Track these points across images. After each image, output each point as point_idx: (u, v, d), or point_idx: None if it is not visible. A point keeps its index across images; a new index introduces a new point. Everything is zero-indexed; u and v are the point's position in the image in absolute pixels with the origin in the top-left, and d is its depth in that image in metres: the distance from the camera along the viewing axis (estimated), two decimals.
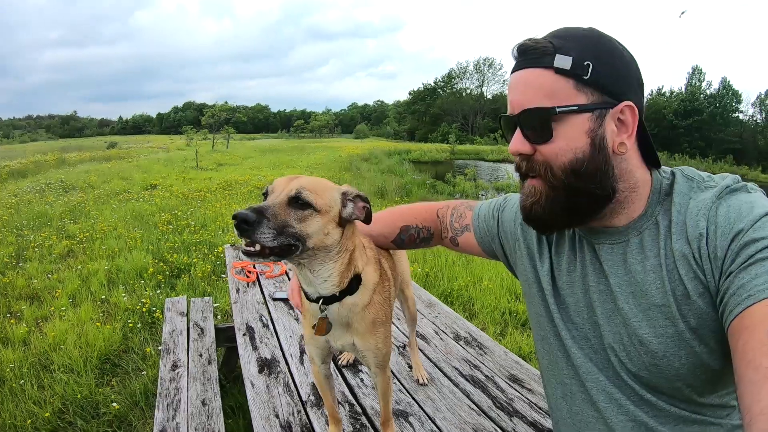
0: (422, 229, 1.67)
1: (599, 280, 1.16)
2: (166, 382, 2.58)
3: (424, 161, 35.47)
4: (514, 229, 1.42)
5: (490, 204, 1.56)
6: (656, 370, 1.06)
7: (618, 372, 1.14)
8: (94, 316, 4.85)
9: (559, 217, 1.12)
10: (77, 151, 35.18)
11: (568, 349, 1.23)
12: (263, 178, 17.14)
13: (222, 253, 6.79)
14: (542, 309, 1.29)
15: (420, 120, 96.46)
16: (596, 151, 1.04)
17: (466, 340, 2.66)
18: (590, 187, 1.06)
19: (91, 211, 10.47)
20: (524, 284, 1.39)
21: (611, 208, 1.10)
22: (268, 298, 3.12)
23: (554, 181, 1.08)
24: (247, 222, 1.11)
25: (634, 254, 1.09)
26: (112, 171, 19.24)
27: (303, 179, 1.26)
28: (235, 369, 3.83)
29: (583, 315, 1.20)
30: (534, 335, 1.39)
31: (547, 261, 1.30)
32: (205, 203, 11.71)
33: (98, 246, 7.43)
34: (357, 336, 1.47)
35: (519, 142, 1.09)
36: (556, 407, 1.32)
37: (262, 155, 30.65)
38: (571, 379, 1.23)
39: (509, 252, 1.47)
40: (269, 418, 1.88)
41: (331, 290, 1.34)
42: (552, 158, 1.07)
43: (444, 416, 1.97)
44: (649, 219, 1.09)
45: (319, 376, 1.65)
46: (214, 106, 46.35)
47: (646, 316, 1.06)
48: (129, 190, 14.06)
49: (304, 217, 1.20)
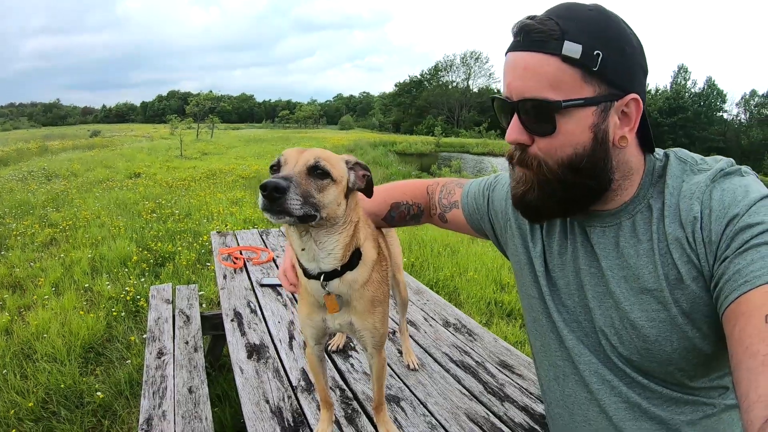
0: (412, 206, 1.65)
1: (591, 263, 1.15)
2: (151, 370, 2.54)
3: (410, 153, 35.50)
4: (506, 208, 1.41)
5: (481, 182, 1.54)
6: (648, 354, 1.06)
7: (609, 355, 1.14)
8: (77, 305, 4.77)
9: (552, 207, 1.10)
10: (60, 140, 34.70)
11: (560, 331, 1.22)
12: (247, 167, 17.00)
13: (207, 242, 6.73)
14: (534, 290, 1.28)
15: (405, 112, 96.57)
16: (597, 146, 1.01)
17: (456, 327, 2.65)
18: (585, 182, 1.04)
19: (74, 199, 10.30)
20: (515, 265, 1.38)
21: (605, 196, 1.09)
22: (255, 284, 3.07)
23: (549, 174, 1.05)
24: (278, 189, 1.06)
25: (626, 238, 1.08)
26: (95, 159, 18.96)
27: (315, 150, 1.23)
28: (221, 357, 3.79)
29: (574, 298, 1.20)
30: (525, 317, 1.38)
31: (539, 243, 1.28)
32: (189, 192, 11.58)
33: (81, 234, 7.32)
34: (355, 315, 1.44)
35: (517, 132, 1.05)
36: (549, 389, 1.31)
37: (246, 145, 30.36)
38: (564, 360, 1.23)
39: (499, 231, 1.45)
40: (259, 404, 1.85)
41: (334, 264, 1.30)
42: (550, 153, 1.03)
43: (436, 401, 1.96)
44: (641, 202, 1.08)
45: (313, 358, 1.62)
46: (198, 95, 45.78)
47: (638, 300, 1.05)
48: (112, 178, 13.87)
49: (322, 187, 1.17)
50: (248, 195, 11.34)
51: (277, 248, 3.81)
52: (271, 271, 3.34)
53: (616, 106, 0.99)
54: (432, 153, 37.71)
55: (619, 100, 0.99)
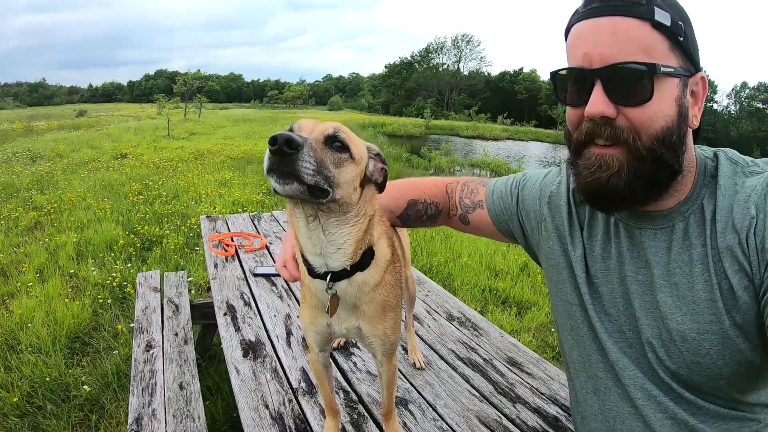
0: (430, 205, 1.51)
1: (638, 270, 1.06)
2: (140, 364, 2.41)
3: (399, 135, 35.19)
4: (540, 207, 1.29)
5: (507, 180, 1.42)
6: (697, 368, 0.98)
7: (655, 369, 1.05)
8: (62, 292, 4.60)
9: (639, 191, 0.98)
10: (46, 120, 33.94)
11: (602, 342, 1.12)
12: (236, 147, 16.76)
13: (195, 225, 6.56)
14: (574, 297, 1.17)
15: (395, 94, 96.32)
16: (682, 121, 0.96)
17: (460, 321, 2.54)
18: (673, 159, 0.96)
19: (59, 181, 10.02)
20: (550, 269, 1.25)
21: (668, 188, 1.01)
22: (248, 273, 2.93)
23: (643, 150, 0.94)
24: (290, 143, 0.90)
25: (679, 242, 1.00)
26: (81, 140, 18.52)
27: (336, 123, 1.08)
28: (211, 347, 3.67)
29: (618, 306, 1.10)
30: (560, 324, 1.26)
31: (579, 246, 1.17)
32: (176, 173, 11.34)
33: (66, 217, 7.10)
34: (364, 320, 1.29)
35: (603, 103, 0.94)
36: (585, 402, 1.20)
37: (234, 125, 29.95)
38: (606, 373, 1.13)
39: (530, 232, 1.33)
40: (258, 409, 1.71)
41: (343, 263, 1.15)
42: (644, 124, 0.93)
43: (445, 403, 1.85)
44: (694, 203, 1.00)
45: (317, 365, 1.48)
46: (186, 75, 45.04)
47: (690, 311, 0.97)
48: (98, 159, 13.53)
49: (340, 162, 1.02)
50: (237, 176, 11.14)
51: (269, 234, 3.66)
52: (265, 259, 3.20)
53: (690, 83, 0.96)
54: (422, 135, 37.44)
55: (692, 77, 0.97)
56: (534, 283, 5.53)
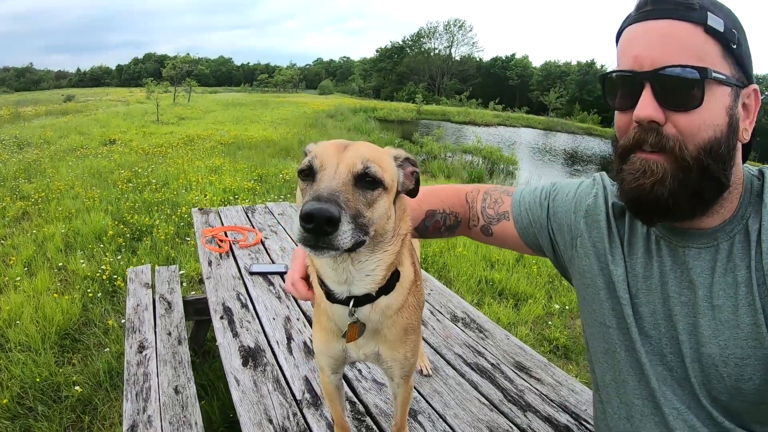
0: (449, 215, 1.42)
1: (681, 291, 1.00)
2: (133, 367, 2.31)
3: (390, 120, 34.97)
4: (575, 221, 1.20)
5: (535, 191, 1.34)
6: (739, 394, 0.94)
7: (696, 394, 0.99)
8: (51, 286, 4.47)
9: (684, 202, 0.93)
10: (33, 105, 33.37)
11: (642, 367, 1.05)
12: (226, 132, 16.54)
13: (185, 214, 6.44)
14: (612, 319, 1.09)
15: (386, 78, 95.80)
16: (731, 133, 0.91)
17: (465, 322, 2.47)
18: (720, 172, 0.91)
19: (46, 169, 9.77)
20: (585, 288, 1.17)
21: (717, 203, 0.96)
22: (244, 271, 2.84)
23: (689, 159, 0.89)
24: (331, 222, 0.81)
25: (723, 263, 0.95)
26: (69, 125, 18.16)
27: (360, 147, 0.97)
28: (205, 343, 3.58)
29: (660, 328, 1.03)
30: (592, 346, 1.18)
31: (621, 263, 1.09)
32: (166, 159, 11.15)
33: (54, 207, 6.92)
34: (384, 344, 1.20)
35: (652, 107, 0.90)
36: (616, 428, 1.13)
37: (224, 109, 29.57)
38: (643, 399, 1.06)
39: (562, 247, 1.25)
40: (261, 424, 1.62)
41: (370, 288, 1.05)
42: (691, 132, 0.89)
43: (455, 413, 1.78)
44: (740, 222, 0.95)
45: (329, 387, 1.40)
46: (175, 58, 44.34)
47: (733, 336, 0.92)
48: (87, 145, 13.24)
49: (373, 200, 0.92)
50: (227, 162, 10.97)
51: (264, 228, 3.57)
52: (260, 254, 3.10)
53: (742, 95, 0.93)
54: (413, 120, 37.22)
55: (744, 89, 0.93)
56: (530, 274, 5.49)
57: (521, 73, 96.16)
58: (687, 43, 0.87)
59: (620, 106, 0.97)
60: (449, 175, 13.15)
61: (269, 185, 9.00)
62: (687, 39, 0.88)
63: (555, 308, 4.67)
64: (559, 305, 4.72)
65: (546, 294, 5.05)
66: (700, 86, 0.87)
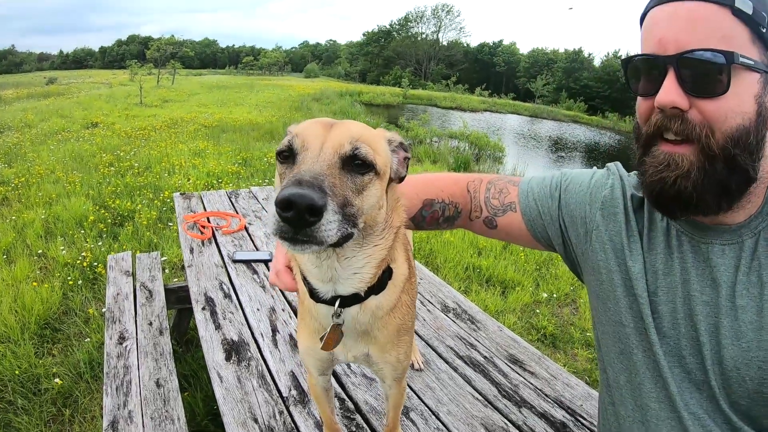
0: (448, 206, 1.32)
1: (703, 289, 0.94)
2: (113, 359, 2.22)
3: (377, 104, 34.68)
4: (590, 214, 1.12)
5: (544, 181, 1.25)
6: (760, 398, 0.90)
7: (716, 398, 0.93)
8: (30, 274, 4.32)
9: (710, 196, 0.88)
10: (14, 88, 32.63)
11: (661, 370, 0.98)
12: (210, 115, 16.28)
13: (168, 198, 6.29)
14: (629, 319, 1.02)
15: (372, 62, 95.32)
16: (762, 122, 0.86)
17: (456, 313, 2.40)
18: (748, 164, 0.85)
19: (27, 153, 9.50)
20: (599, 284, 1.09)
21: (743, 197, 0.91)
22: (227, 259, 2.73)
23: (716, 149, 0.84)
24: (313, 211, 0.69)
25: (747, 261, 0.90)
26: (50, 108, 17.74)
27: (351, 125, 0.85)
28: (188, 332, 3.48)
29: (679, 328, 0.96)
30: (605, 346, 1.11)
31: (639, 259, 1.01)
32: (149, 142, 10.92)
33: (34, 192, 6.72)
34: (375, 346, 1.10)
35: (675, 92, 0.84)
36: (630, 431, 1.06)
37: (209, 91, 29.11)
38: (660, 403, 1.00)
39: (575, 240, 1.16)
40: (246, 423, 1.53)
41: (358, 288, 0.94)
42: (718, 119, 0.83)
43: (448, 410, 1.71)
44: (765, 218, 0.91)
45: (317, 390, 1.31)
46: (160, 40, 43.57)
47: (757, 338, 0.88)
48: (68, 128, 12.93)
49: (363, 186, 0.80)
50: (211, 145, 10.78)
51: (248, 213, 3.46)
52: (244, 242, 3.00)
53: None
54: (399, 105, 36.96)
55: None
56: (517, 261, 5.45)
57: (508, 59, 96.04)
58: (713, 25, 0.82)
59: (643, 91, 0.92)
60: (435, 161, 13.04)
61: (254, 169, 8.85)
62: (713, 21, 0.82)
63: (543, 296, 4.64)
64: (546, 293, 4.69)
65: (534, 282, 5.02)
66: (726, 71, 0.82)
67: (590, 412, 1.77)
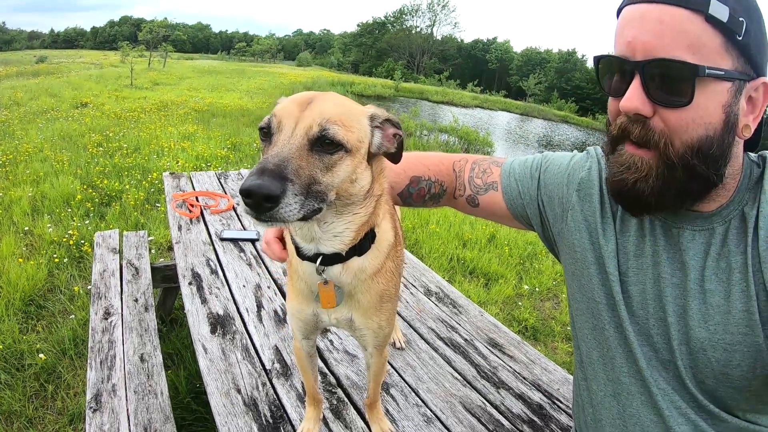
0: (434, 183, 1.36)
1: (674, 272, 0.97)
2: (98, 334, 2.22)
3: (368, 95, 34.66)
4: (567, 194, 1.15)
5: (525, 162, 1.29)
6: (726, 379, 0.93)
7: (681, 377, 0.97)
8: (16, 251, 4.28)
9: (666, 199, 0.91)
10: (4, 66, 32.10)
11: (630, 345, 1.02)
12: (201, 100, 16.21)
13: (157, 180, 6.26)
14: (601, 295, 1.06)
15: (366, 53, 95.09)
16: (727, 132, 0.86)
17: (438, 297, 2.44)
18: (710, 172, 0.87)
19: (15, 131, 9.37)
20: (574, 263, 1.13)
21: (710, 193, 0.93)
22: (215, 237, 2.75)
23: (674, 157, 0.86)
24: (269, 199, 0.76)
25: (717, 247, 0.93)
26: (40, 87, 17.49)
27: (323, 103, 0.88)
28: (173, 311, 3.49)
29: (648, 309, 1.00)
30: (579, 322, 1.15)
31: (612, 239, 1.05)
32: (138, 124, 10.84)
33: (22, 170, 6.63)
34: (358, 311, 1.14)
35: (638, 99, 0.85)
36: (602, 405, 1.11)
37: (200, 76, 28.91)
38: (630, 378, 1.04)
39: (552, 220, 1.21)
40: (229, 394, 1.57)
41: (338, 248, 1.00)
42: (679, 129, 0.85)
43: (428, 387, 1.75)
44: (736, 207, 0.93)
45: (300, 353, 1.34)
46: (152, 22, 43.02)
47: (723, 321, 0.91)
48: (57, 108, 12.77)
49: (332, 164, 0.86)
50: (200, 129, 10.73)
51: (237, 194, 3.45)
52: (232, 221, 3.02)
53: (747, 88, 0.86)
54: (390, 97, 36.94)
55: (751, 82, 0.86)
56: (501, 255, 5.51)
57: (501, 56, 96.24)
58: (683, 31, 0.81)
59: (612, 91, 0.93)
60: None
61: (243, 154, 8.83)
62: (684, 28, 0.81)
63: (525, 289, 4.70)
64: (529, 287, 4.75)
65: (517, 275, 5.07)
66: (689, 84, 0.82)
67: (567, 396, 1.81)
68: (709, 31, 0.80)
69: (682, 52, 0.81)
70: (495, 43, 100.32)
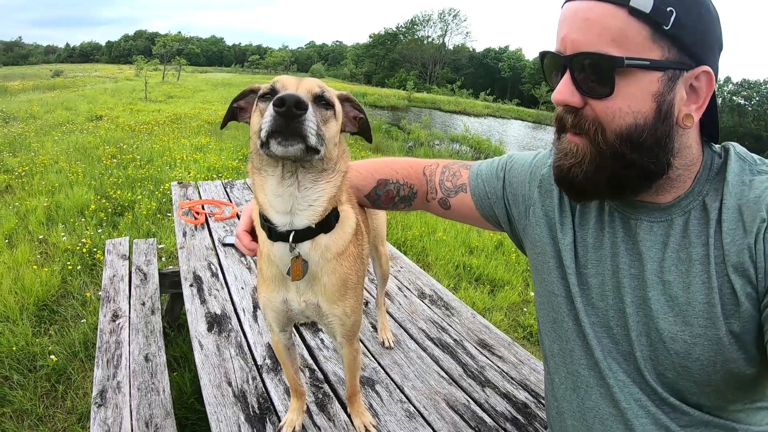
0: (403, 186, 1.42)
1: (632, 263, 0.99)
2: (105, 335, 2.33)
3: (381, 106, 34.88)
4: (529, 191, 1.21)
5: (492, 163, 1.34)
6: (686, 372, 0.93)
7: (641, 369, 0.99)
8: (31, 258, 4.45)
9: (600, 187, 0.95)
10: (20, 80, 32.85)
11: (587, 337, 1.05)
12: (214, 112, 16.40)
13: (168, 190, 6.40)
14: (560, 288, 1.10)
15: (378, 64, 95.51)
16: (660, 120, 0.88)
17: (432, 299, 2.51)
18: (644, 161, 0.89)
19: (31, 143, 9.65)
20: (536, 256, 1.19)
21: (659, 184, 0.94)
22: (217, 243, 2.85)
23: (604, 145, 0.90)
24: (299, 105, 0.90)
25: (677, 238, 0.94)
26: (56, 101, 17.94)
27: (314, 79, 1.07)
28: (180, 317, 3.59)
29: (607, 300, 1.03)
30: (541, 315, 1.20)
31: (569, 233, 1.10)
32: (152, 137, 11.06)
33: (38, 181, 6.84)
34: (323, 296, 1.23)
35: (567, 92, 0.91)
36: (563, 398, 1.14)
37: (213, 89, 29.29)
38: (589, 370, 1.06)
39: (517, 217, 1.26)
40: (221, 386, 1.66)
41: (310, 220, 1.09)
42: (606, 118, 0.89)
43: (413, 384, 1.82)
44: (696, 198, 0.94)
45: (279, 347, 1.42)
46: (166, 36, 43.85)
47: (683, 313, 0.91)
48: (73, 121, 13.11)
49: (326, 119, 1.03)
50: (213, 141, 10.90)
51: (241, 202, 3.58)
52: (235, 228, 3.10)
53: (685, 77, 0.87)
54: (403, 107, 37.12)
55: (690, 71, 0.87)
56: (508, 262, 5.54)
57: (514, 65, 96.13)
58: (606, 27, 0.84)
59: (553, 84, 0.97)
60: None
61: None
62: (607, 23, 0.84)
63: (531, 296, 4.71)
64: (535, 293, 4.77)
65: (523, 281, 5.10)
66: (609, 76, 0.85)
67: None
68: (633, 24, 0.83)
69: (606, 46, 0.84)
70: (507, 51, 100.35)
